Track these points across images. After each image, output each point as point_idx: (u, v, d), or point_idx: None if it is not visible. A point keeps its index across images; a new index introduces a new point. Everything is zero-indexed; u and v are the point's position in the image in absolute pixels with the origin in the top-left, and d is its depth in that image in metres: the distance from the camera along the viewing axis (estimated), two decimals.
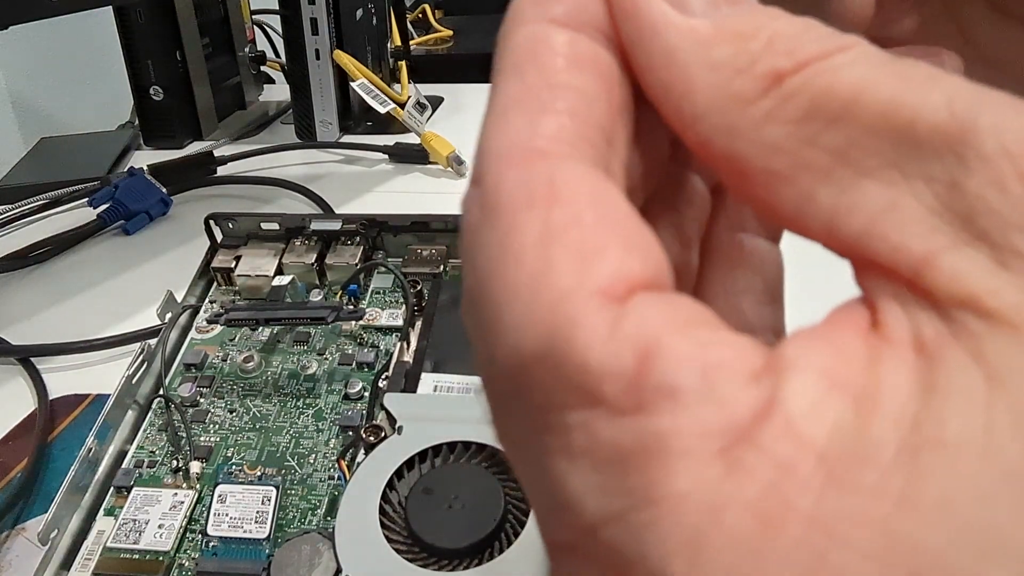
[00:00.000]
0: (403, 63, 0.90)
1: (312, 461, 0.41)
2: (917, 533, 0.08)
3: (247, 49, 0.93)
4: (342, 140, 0.84)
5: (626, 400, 0.09)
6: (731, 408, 0.09)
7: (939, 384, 0.09)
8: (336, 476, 0.40)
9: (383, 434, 0.37)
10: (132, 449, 0.43)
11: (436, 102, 0.91)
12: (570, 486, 0.10)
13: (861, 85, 0.10)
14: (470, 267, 0.11)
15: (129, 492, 0.40)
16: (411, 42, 1.02)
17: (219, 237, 0.54)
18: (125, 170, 0.73)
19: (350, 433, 0.42)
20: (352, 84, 0.80)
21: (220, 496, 0.39)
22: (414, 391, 0.41)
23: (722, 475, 0.09)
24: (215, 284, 0.53)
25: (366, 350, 0.47)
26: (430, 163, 0.77)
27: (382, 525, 0.33)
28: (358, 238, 0.53)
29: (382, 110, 0.79)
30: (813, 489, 0.09)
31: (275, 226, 0.53)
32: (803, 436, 0.09)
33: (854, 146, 0.10)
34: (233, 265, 0.52)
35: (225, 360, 0.47)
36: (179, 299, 0.51)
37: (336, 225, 0.53)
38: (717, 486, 0.09)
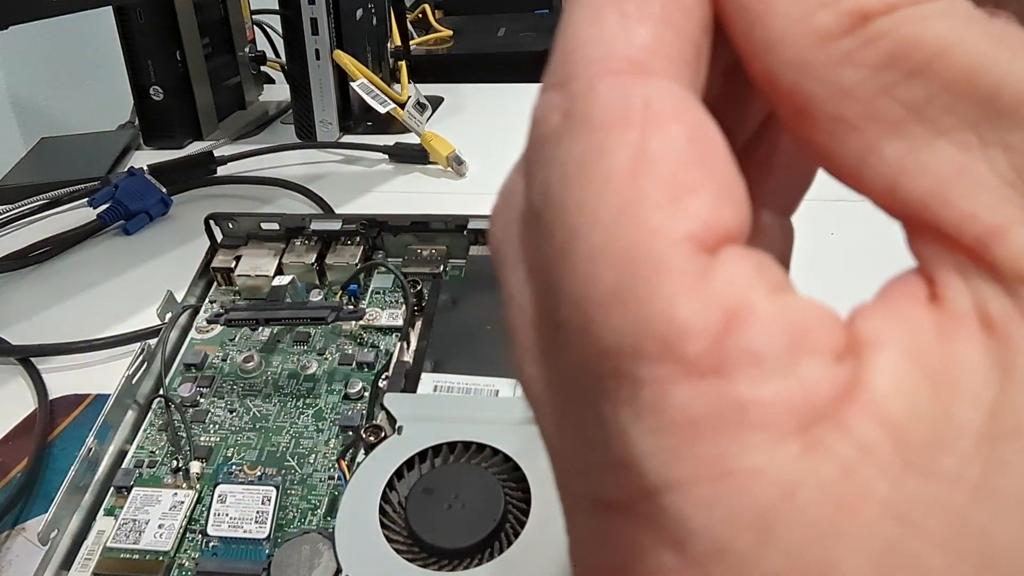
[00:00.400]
0: (403, 63, 0.90)
1: (312, 461, 0.41)
2: (991, 526, 0.08)
3: (247, 49, 0.93)
4: (342, 140, 0.84)
5: (707, 361, 0.09)
6: (815, 385, 0.09)
7: (1015, 368, 0.08)
8: (336, 476, 0.40)
9: (383, 434, 0.37)
10: (132, 449, 0.43)
11: (436, 102, 0.91)
12: (633, 444, 0.09)
13: (950, 40, 0.09)
14: (541, 178, 0.10)
15: (129, 492, 0.40)
16: (411, 42, 1.02)
17: (219, 237, 0.54)
18: (125, 170, 0.73)
19: (350, 433, 0.42)
20: (352, 84, 0.80)
21: (220, 496, 0.39)
22: (414, 391, 0.41)
23: (799, 453, 0.09)
24: (215, 284, 0.53)
25: (366, 350, 0.47)
26: (430, 163, 0.77)
27: (382, 525, 0.33)
28: (358, 238, 0.53)
29: (382, 110, 0.79)
30: (891, 473, 0.08)
31: (275, 226, 0.53)
32: (886, 418, 0.09)
33: (932, 102, 0.09)
34: (233, 265, 0.52)
35: (225, 360, 0.47)
36: (179, 299, 0.51)
37: (336, 225, 0.53)
38: (794, 464, 0.09)
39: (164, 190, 0.70)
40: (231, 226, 0.54)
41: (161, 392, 0.45)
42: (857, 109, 0.10)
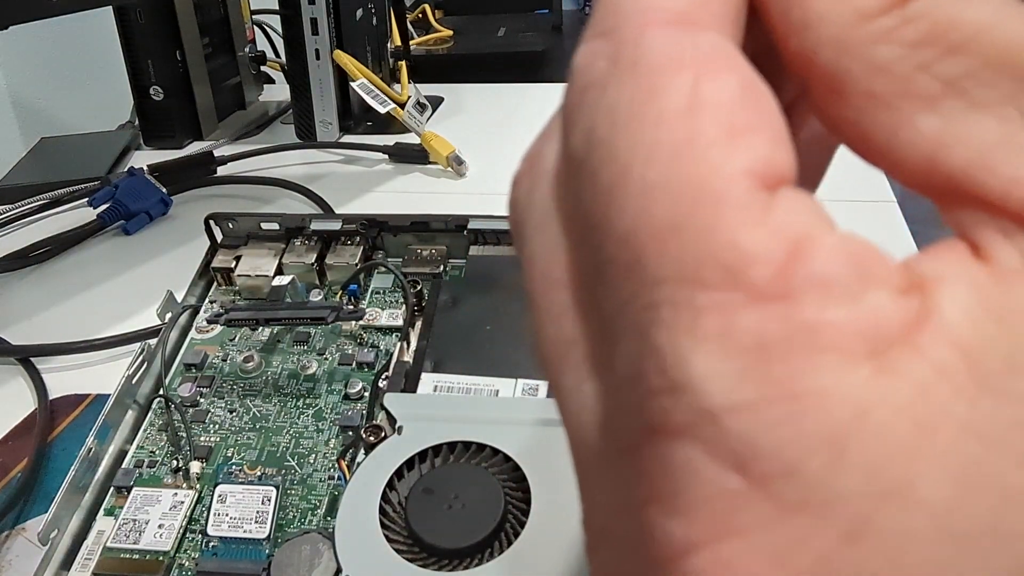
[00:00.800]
0: (403, 63, 0.90)
1: (312, 461, 0.41)
2: None
3: (247, 49, 0.93)
4: (342, 140, 0.84)
5: (773, 287, 0.09)
6: (884, 313, 0.09)
7: None
8: (336, 476, 0.40)
9: (383, 434, 0.37)
10: (132, 449, 0.43)
11: (436, 102, 0.91)
12: (695, 368, 0.09)
13: (989, 20, 0.09)
14: (585, 124, 0.10)
15: (129, 492, 0.40)
16: (411, 42, 1.02)
17: (219, 237, 0.54)
18: (125, 170, 0.73)
19: (350, 433, 0.42)
20: (352, 84, 0.80)
21: (220, 496, 0.39)
22: (414, 391, 0.41)
23: (872, 376, 0.09)
24: (215, 284, 0.53)
25: (366, 350, 0.47)
26: (430, 163, 0.77)
27: (382, 525, 0.33)
28: (358, 238, 0.53)
29: (382, 110, 0.79)
30: (968, 395, 0.08)
31: (275, 226, 0.53)
32: (960, 343, 0.09)
33: (970, 78, 0.09)
34: (233, 265, 0.52)
35: (225, 360, 0.47)
36: (179, 299, 0.51)
37: (336, 225, 0.53)
38: (867, 385, 0.09)
39: (164, 190, 0.70)
40: (231, 226, 0.54)
41: (161, 392, 0.45)
42: (893, 86, 0.10)
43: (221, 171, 0.77)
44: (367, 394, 0.44)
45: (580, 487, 0.11)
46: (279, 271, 0.52)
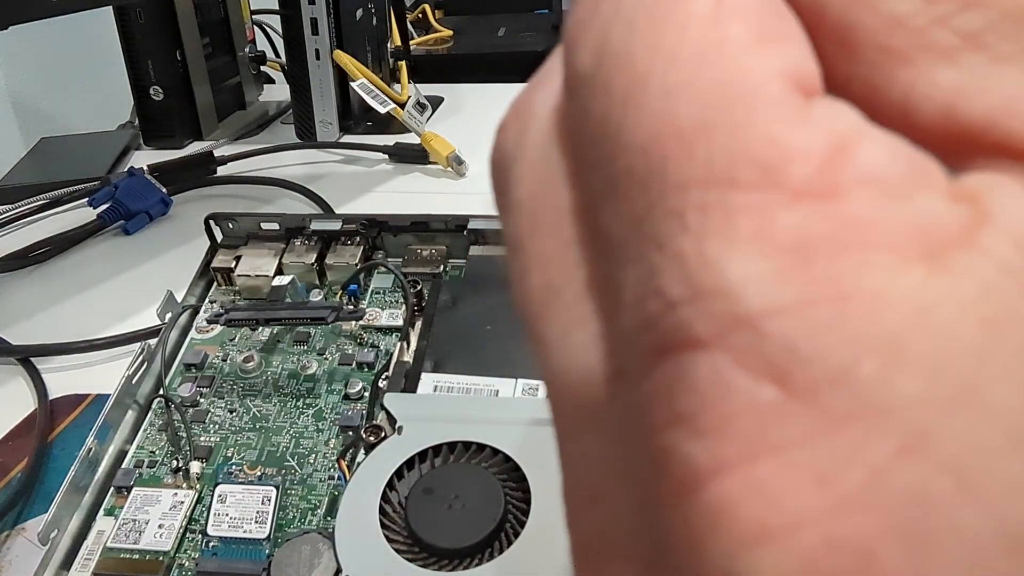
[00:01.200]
0: (403, 63, 0.90)
1: (312, 461, 0.41)
2: None
3: (247, 49, 0.93)
4: (342, 140, 0.84)
5: (818, 183, 0.08)
6: (939, 214, 0.08)
7: None
8: (336, 476, 0.40)
9: (383, 434, 0.37)
10: (132, 449, 0.43)
11: (436, 102, 0.91)
12: (728, 270, 0.08)
13: None
14: (596, 36, 0.09)
15: (129, 492, 0.40)
16: (411, 42, 1.02)
17: (219, 237, 0.54)
18: (125, 170, 0.73)
19: (350, 433, 0.42)
20: (352, 84, 0.80)
21: (220, 496, 0.39)
22: (414, 391, 0.41)
23: (929, 276, 0.08)
24: (215, 284, 0.53)
25: (366, 350, 0.47)
26: (430, 163, 0.77)
27: (382, 525, 0.33)
28: (358, 238, 0.53)
29: (382, 110, 0.79)
30: None
31: (275, 226, 0.53)
32: (1022, 241, 0.08)
33: (990, 31, 0.09)
34: (233, 265, 0.52)
35: (225, 360, 0.47)
36: (179, 299, 0.51)
37: (336, 225, 0.53)
38: (925, 284, 0.08)
39: (164, 190, 0.70)
40: (231, 226, 0.54)
41: (161, 392, 0.45)
42: (908, 39, 0.09)
43: (221, 171, 0.77)
44: (367, 394, 0.44)
45: (563, 453, 0.11)
46: (279, 271, 0.52)
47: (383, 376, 0.43)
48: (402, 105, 0.80)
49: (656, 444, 0.09)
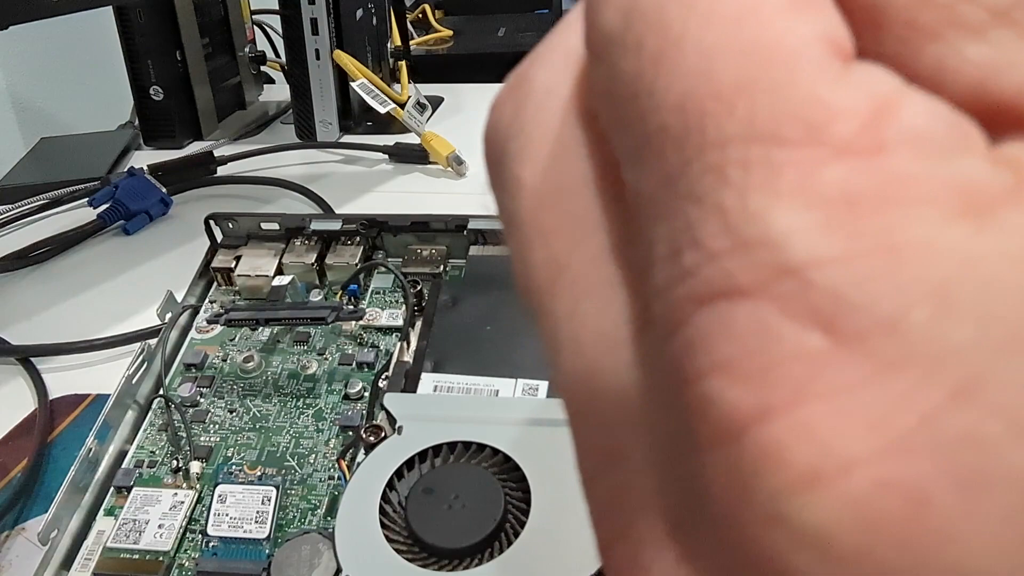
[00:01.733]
0: (403, 63, 0.90)
1: (312, 461, 0.41)
2: None
3: (247, 49, 0.93)
4: (342, 140, 0.84)
5: (862, 140, 0.08)
6: (983, 174, 0.08)
7: None
8: (336, 476, 0.40)
9: (383, 434, 0.37)
10: (132, 449, 0.43)
11: (436, 102, 0.91)
12: (774, 221, 0.08)
13: None
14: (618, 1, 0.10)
15: (129, 492, 0.40)
16: (411, 42, 1.02)
17: (219, 237, 0.54)
18: (125, 170, 0.73)
19: (350, 433, 0.42)
20: (352, 84, 0.80)
21: (220, 496, 0.39)
22: (414, 391, 0.41)
23: (976, 230, 0.08)
24: (215, 284, 0.53)
25: (366, 350, 0.47)
26: (430, 163, 0.77)
27: (382, 525, 0.33)
28: (358, 238, 0.53)
29: (382, 110, 0.79)
30: None
31: (275, 226, 0.53)
32: None
33: (1019, 7, 0.09)
34: (233, 265, 0.52)
35: (225, 360, 0.47)
36: (179, 299, 0.51)
37: (336, 225, 0.53)
38: (972, 238, 0.08)
39: (164, 190, 0.70)
40: (231, 226, 0.54)
41: (161, 392, 0.45)
42: (938, 15, 0.09)
43: (221, 171, 0.77)
44: (367, 394, 0.44)
45: (575, 419, 0.11)
46: (279, 271, 0.52)
47: (383, 376, 0.43)
48: (402, 105, 0.80)
49: (694, 393, 0.08)
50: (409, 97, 0.83)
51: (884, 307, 0.08)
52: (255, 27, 0.96)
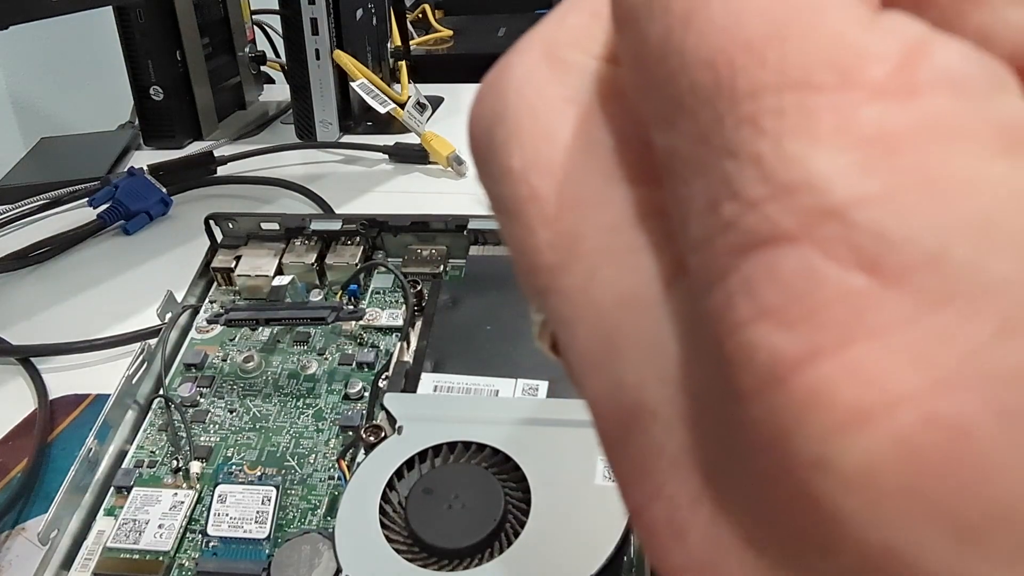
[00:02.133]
0: (403, 63, 0.90)
1: (312, 461, 0.41)
2: None
3: (247, 49, 0.93)
4: (342, 140, 0.84)
5: (896, 82, 0.08)
6: (1019, 113, 0.08)
7: None
8: (336, 476, 0.40)
9: (383, 434, 0.37)
10: (132, 449, 0.43)
11: (436, 102, 0.91)
12: (812, 164, 0.08)
13: None
14: None
15: (129, 492, 0.40)
16: (411, 42, 1.02)
17: (219, 237, 0.54)
18: (125, 170, 0.73)
19: (350, 433, 0.42)
20: (352, 84, 0.80)
21: (220, 496, 0.39)
22: (414, 391, 0.41)
23: (1017, 165, 0.08)
24: (215, 284, 0.53)
25: (366, 350, 0.47)
26: (430, 163, 0.77)
27: (382, 525, 0.33)
28: (358, 238, 0.53)
29: (382, 110, 0.79)
30: None
31: (275, 226, 0.53)
32: None
33: None
34: (233, 265, 0.52)
35: (225, 360, 0.47)
36: (179, 299, 0.51)
37: (336, 225, 0.53)
38: (1014, 173, 0.08)
39: (164, 190, 0.70)
40: (231, 226, 0.54)
41: (161, 392, 0.45)
42: None
43: (221, 171, 0.77)
44: (367, 394, 0.44)
45: (592, 387, 0.11)
46: (279, 271, 0.52)
47: (383, 376, 0.43)
48: (402, 105, 0.80)
49: (736, 342, 0.08)
50: (409, 97, 0.83)
51: (926, 243, 0.08)
52: (255, 27, 0.96)
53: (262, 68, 0.97)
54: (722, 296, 0.09)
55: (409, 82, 0.88)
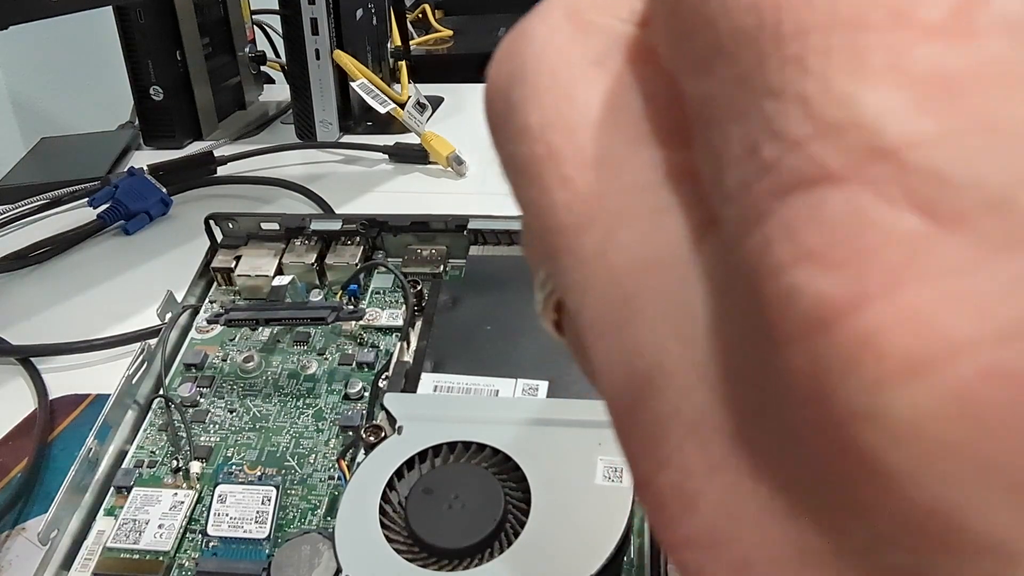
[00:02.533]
0: (403, 63, 0.90)
1: (312, 461, 0.41)
2: None
3: (247, 49, 0.93)
4: (342, 140, 0.84)
5: (952, 24, 0.08)
6: None
7: None
8: (336, 476, 0.40)
9: (383, 434, 0.37)
10: (132, 449, 0.43)
11: (436, 102, 0.91)
12: (863, 103, 0.08)
13: None
14: None
15: (129, 492, 0.40)
16: (411, 42, 1.02)
17: (219, 237, 0.54)
18: (125, 170, 0.73)
19: (350, 433, 0.42)
20: (352, 84, 0.80)
21: (220, 496, 0.39)
22: (414, 391, 0.41)
23: None
24: (215, 284, 0.53)
25: (366, 350, 0.47)
26: (430, 163, 0.77)
27: (382, 525, 0.33)
28: (358, 238, 0.53)
29: (382, 110, 0.79)
30: None
31: (275, 226, 0.53)
32: None
33: None
34: (233, 265, 0.52)
35: (225, 360, 0.47)
36: (179, 299, 0.51)
37: (336, 225, 0.53)
38: None
39: (164, 190, 0.70)
40: (231, 226, 0.54)
41: (161, 392, 0.45)
42: None
43: (221, 171, 0.77)
44: (367, 394, 0.44)
45: (603, 352, 0.10)
46: (279, 271, 0.52)
47: (383, 376, 0.43)
48: (402, 105, 0.80)
49: (775, 287, 0.08)
50: (409, 97, 0.83)
51: (991, 188, 0.07)
52: (255, 27, 0.96)
53: (262, 68, 0.97)
54: (759, 240, 0.08)
55: (409, 82, 0.88)
